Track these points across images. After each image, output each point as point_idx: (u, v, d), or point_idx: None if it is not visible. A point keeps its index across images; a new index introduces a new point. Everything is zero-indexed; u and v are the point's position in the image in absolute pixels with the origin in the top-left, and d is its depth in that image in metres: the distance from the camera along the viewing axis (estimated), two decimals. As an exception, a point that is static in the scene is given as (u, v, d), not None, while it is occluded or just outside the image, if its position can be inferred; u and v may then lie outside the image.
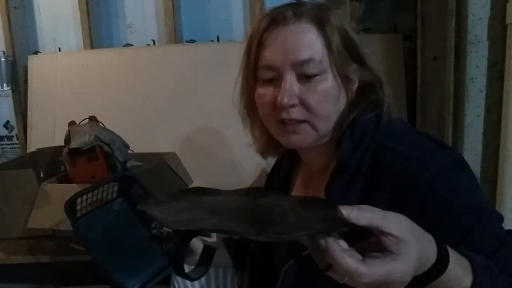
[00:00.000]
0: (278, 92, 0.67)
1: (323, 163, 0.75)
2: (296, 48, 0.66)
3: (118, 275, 0.81)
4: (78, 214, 0.87)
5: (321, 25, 0.67)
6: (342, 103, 0.70)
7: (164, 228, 0.84)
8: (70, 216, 0.84)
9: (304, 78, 0.67)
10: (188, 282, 0.94)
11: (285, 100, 0.66)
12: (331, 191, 0.67)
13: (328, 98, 0.68)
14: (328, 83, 0.68)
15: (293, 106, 0.67)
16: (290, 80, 0.67)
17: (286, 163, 0.88)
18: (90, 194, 0.88)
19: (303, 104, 0.67)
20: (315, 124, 0.69)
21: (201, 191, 0.64)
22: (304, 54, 0.66)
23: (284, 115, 0.68)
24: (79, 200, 0.86)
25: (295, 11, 0.68)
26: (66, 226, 1.12)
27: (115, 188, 0.93)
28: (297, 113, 0.68)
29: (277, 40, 0.68)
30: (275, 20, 0.68)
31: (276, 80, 0.69)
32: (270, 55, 0.68)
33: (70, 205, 0.85)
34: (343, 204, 0.45)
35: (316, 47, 0.67)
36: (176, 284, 0.94)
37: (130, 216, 0.92)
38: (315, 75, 0.67)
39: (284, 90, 0.66)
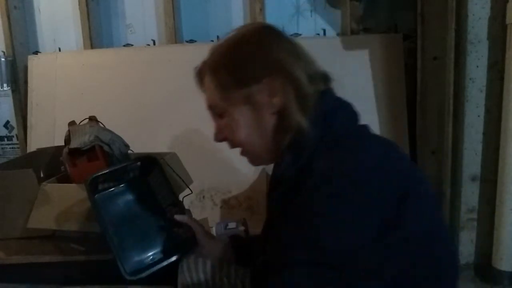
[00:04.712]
0: None
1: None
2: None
3: (127, 254, 0.87)
4: (99, 188, 0.94)
5: (201, 77, 0.81)
6: (265, 124, 0.73)
7: (175, 216, 0.91)
8: (89, 191, 0.90)
9: (220, 117, 0.78)
10: (194, 271, 0.94)
11: (214, 138, 0.80)
12: (270, 198, 0.79)
13: (241, 129, 0.75)
14: (234, 116, 0.75)
15: (224, 139, 0.79)
16: (215, 121, 0.79)
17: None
18: (112, 173, 0.95)
19: (226, 138, 0.78)
20: (247, 150, 0.78)
21: None
22: (207, 103, 0.79)
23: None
24: (101, 178, 0.93)
25: (197, 77, 0.83)
26: (66, 226, 1.12)
27: (137, 170, 0.99)
28: (230, 144, 0.79)
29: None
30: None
31: None
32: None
33: (91, 182, 0.91)
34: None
35: (212, 93, 0.77)
36: (184, 272, 0.94)
37: (147, 197, 0.98)
38: (222, 116, 0.77)
39: (214, 131, 0.80)
